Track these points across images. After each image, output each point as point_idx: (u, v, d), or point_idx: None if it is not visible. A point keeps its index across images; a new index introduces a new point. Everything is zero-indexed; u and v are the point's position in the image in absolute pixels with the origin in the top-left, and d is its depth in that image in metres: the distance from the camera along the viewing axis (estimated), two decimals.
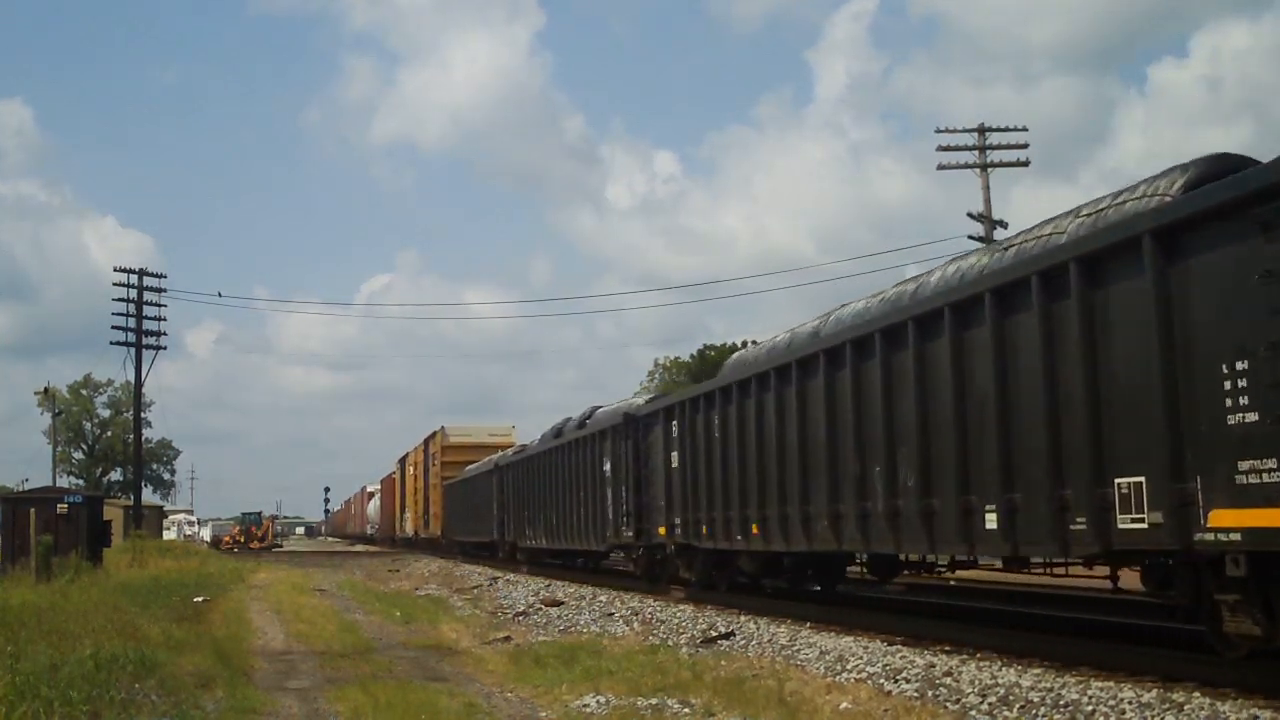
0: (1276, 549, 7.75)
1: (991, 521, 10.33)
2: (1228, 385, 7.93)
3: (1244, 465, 7.80)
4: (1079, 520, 9.34)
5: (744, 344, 67.97)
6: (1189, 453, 8.30)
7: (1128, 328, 8.94)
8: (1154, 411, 8.54)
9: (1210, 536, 8.08)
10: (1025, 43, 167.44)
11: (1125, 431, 8.95)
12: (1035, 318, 9.90)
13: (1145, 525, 8.68)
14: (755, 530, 15.54)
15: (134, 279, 48.55)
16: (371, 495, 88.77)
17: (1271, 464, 7.60)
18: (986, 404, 10.53)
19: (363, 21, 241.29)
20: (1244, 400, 7.81)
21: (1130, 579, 11.30)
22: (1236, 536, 7.89)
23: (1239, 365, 7.85)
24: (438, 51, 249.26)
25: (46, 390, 77.86)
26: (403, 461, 65.39)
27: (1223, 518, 7.99)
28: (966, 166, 36.93)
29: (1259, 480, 7.69)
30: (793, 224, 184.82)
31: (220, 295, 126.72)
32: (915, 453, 11.62)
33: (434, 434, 51.83)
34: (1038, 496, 9.83)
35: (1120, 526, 8.92)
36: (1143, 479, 8.75)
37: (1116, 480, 8.99)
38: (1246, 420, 7.77)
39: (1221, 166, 9.18)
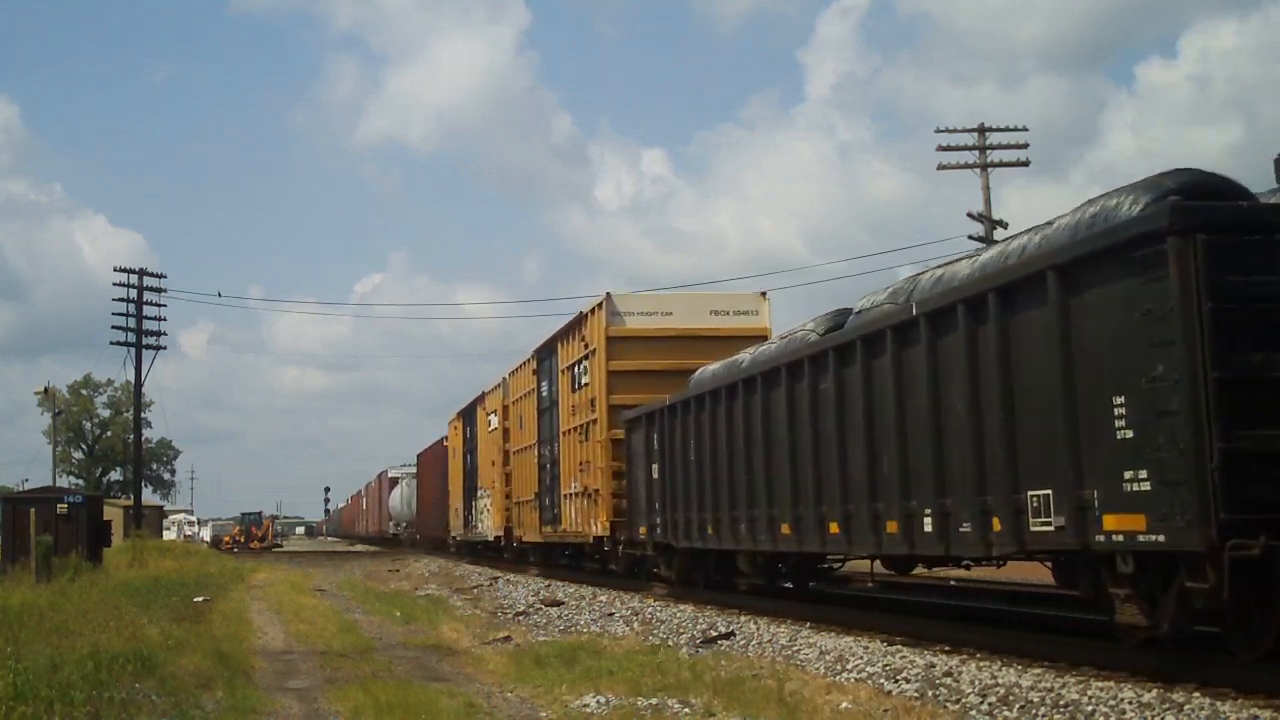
0: None
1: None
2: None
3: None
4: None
5: None
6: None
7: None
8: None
9: None
10: (1013, 42, 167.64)
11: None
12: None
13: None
14: None
15: (134, 279, 48.56)
16: (394, 482, 67.94)
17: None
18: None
19: (346, 22, 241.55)
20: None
21: None
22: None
23: None
24: (423, 51, 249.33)
25: (46, 390, 77.82)
26: (470, 414, 40.33)
27: None
28: (967, 166, 36.97)
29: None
30: (784, 224, 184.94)
31: (220, 295, 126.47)
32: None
33: (581, 319, 24.65)
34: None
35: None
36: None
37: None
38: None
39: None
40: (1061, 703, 8.53)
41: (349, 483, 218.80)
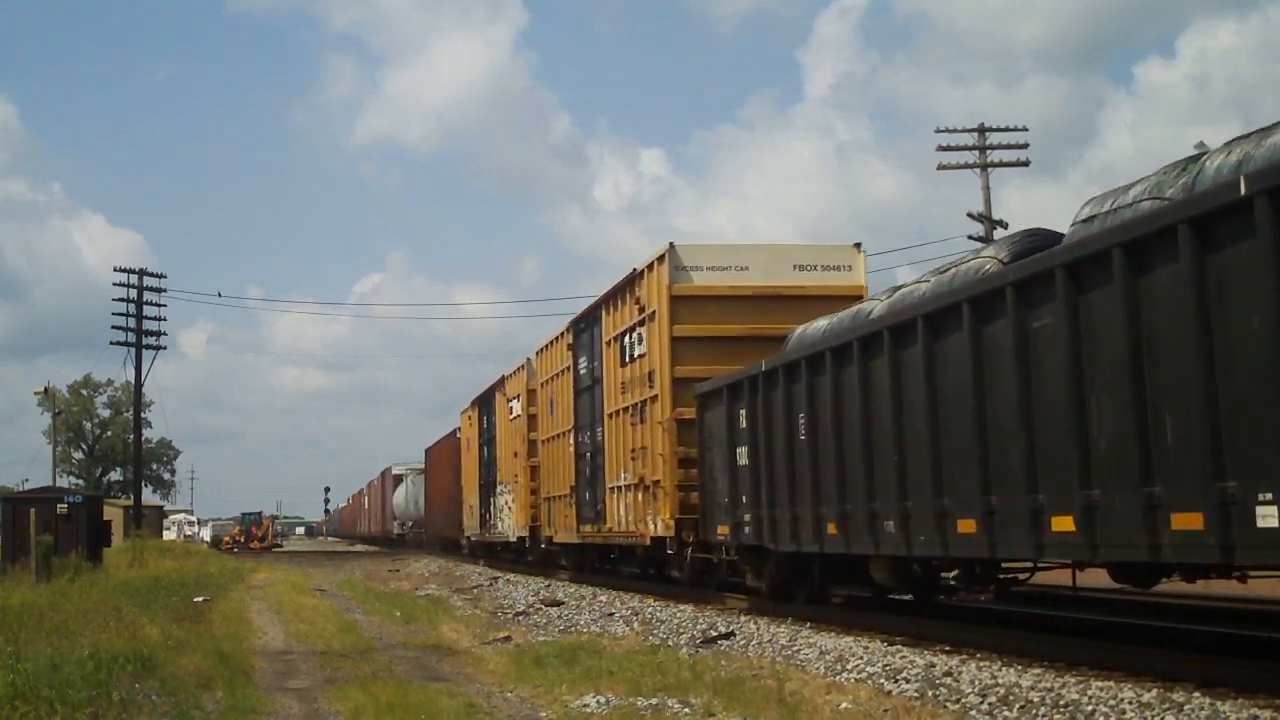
0: None
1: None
2: None
3: None
4: None
5: None
6: None
7: None
8: None
9: None
10: (1012, 42, 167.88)
11: None
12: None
13: None
14: None
15: (134, 279, 48.58)
16: (399, 480, 66.08)
17: None
18: None
19: (344, 22, 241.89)
20: None
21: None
22: None
23: None
24: (422, 51, 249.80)
25: (46, 390, 77.83)
26: (486, 401, 37.18)
27: None
28: (967, 166, 36.98)
29: None
30: (782, 223, 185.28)
31: (220, 295, 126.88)
32: None
33: (634, 278, 20.83)
34: None
35: None
36: None
37: None
38: None
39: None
40: (1061, 703, 8.52)
41: (349, 483, 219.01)
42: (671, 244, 19.34)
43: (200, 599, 21.70)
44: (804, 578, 15.73)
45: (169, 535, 74.75)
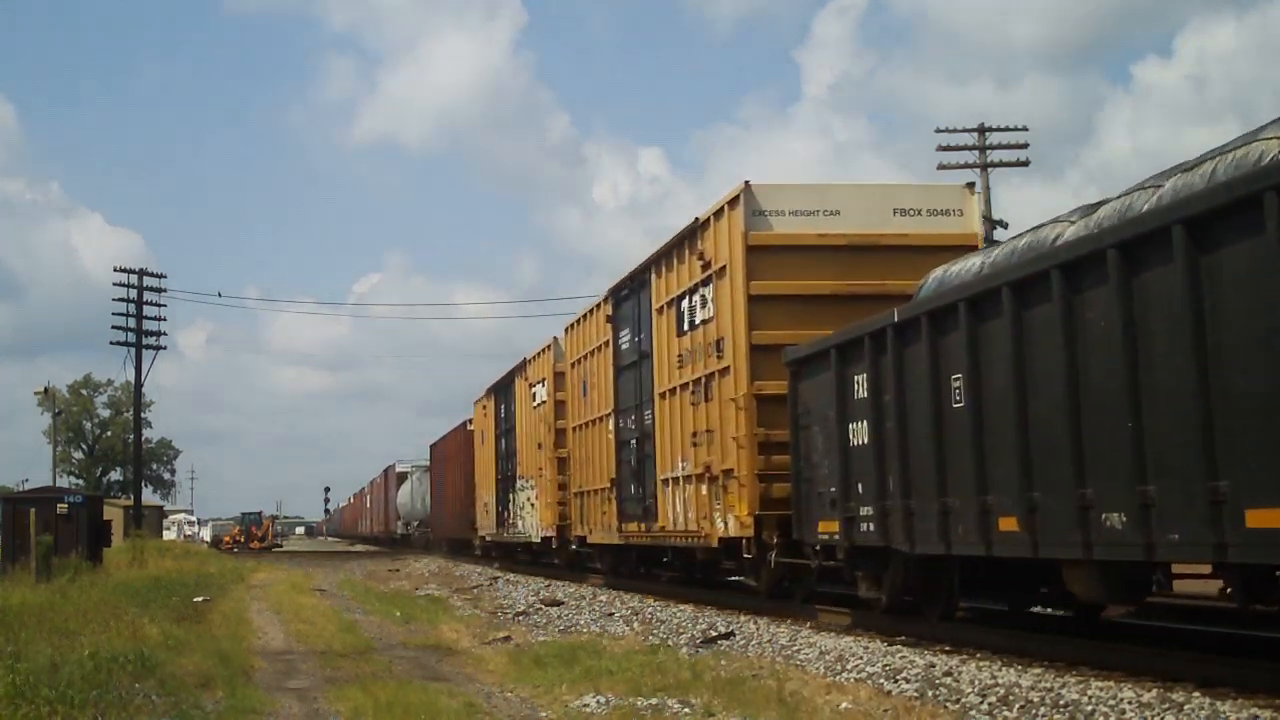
0: None
1: None
2: None
3: None
4: None
5: None
6: None
7: None
8: None
9: None
10: (1010, 41, 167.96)
11: None
12: None
13: None
14: None
15: (133, 279, 48.61)
16: (403, 478, 63.46)
17: None
18: None
19: (342, 22, 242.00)
20: None
21: None
22: None
23: None
24: (419, 51, 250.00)
25: (46, 390, 77.83)
26: (504, 389, 34.14)
27: None
28: (967, 166, 37.04)
29: None
30: None
31: (220, 295, 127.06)
32: None
33: (697, 229, 17.43)
34: None
35: None
36: None
37: None
38: None
39: None
40: (1061, 703, 8.53)
41: (349, 483, 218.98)
42: (747, 183, 16.13)
43: (200, 599, 21.69)
44: (940, 587, 12.69)
45: (169, 535, 74.84)
